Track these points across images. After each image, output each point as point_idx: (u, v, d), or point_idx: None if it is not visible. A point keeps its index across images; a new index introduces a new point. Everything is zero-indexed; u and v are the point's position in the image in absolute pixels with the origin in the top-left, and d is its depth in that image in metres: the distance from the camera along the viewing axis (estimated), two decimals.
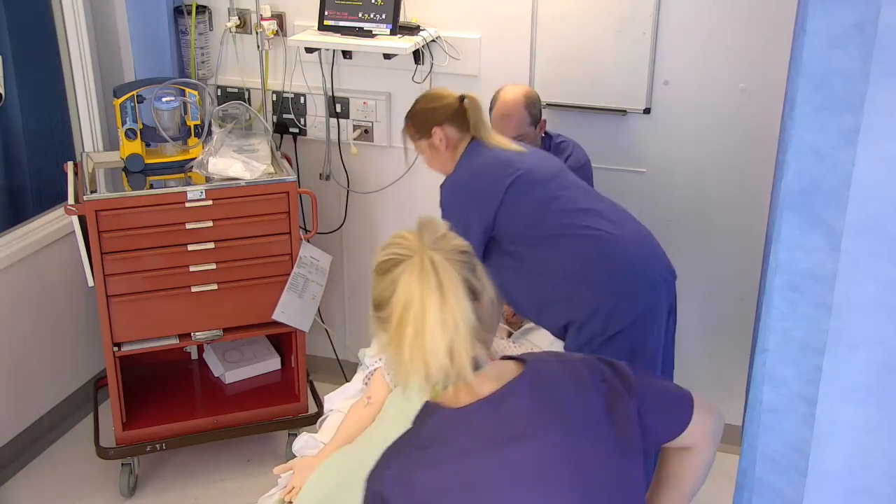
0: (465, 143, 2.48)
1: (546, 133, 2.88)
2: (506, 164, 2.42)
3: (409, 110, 2.55)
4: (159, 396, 3.26)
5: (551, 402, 1.39)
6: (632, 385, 1.43)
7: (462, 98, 2.47)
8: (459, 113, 2.46)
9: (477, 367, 1.37)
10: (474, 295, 1.38)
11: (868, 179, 1.21)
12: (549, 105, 3.11)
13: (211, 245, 2.95)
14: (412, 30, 3.06)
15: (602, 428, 1.39)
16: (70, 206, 2.87)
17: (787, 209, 1.32)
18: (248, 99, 3.44)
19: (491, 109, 2.79)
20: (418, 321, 1.30)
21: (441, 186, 2.47)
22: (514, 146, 2.48)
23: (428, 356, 1.30)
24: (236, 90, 3.45)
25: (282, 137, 3.47)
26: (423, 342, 1.30)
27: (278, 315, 3.06)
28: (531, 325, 2.81)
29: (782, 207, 1.33)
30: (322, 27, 3.08)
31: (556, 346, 2.77)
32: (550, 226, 2.41)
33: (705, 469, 1.56)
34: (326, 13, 3.07)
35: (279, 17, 3.28)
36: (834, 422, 1.30)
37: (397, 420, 2.25)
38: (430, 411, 1.40)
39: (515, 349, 2.59)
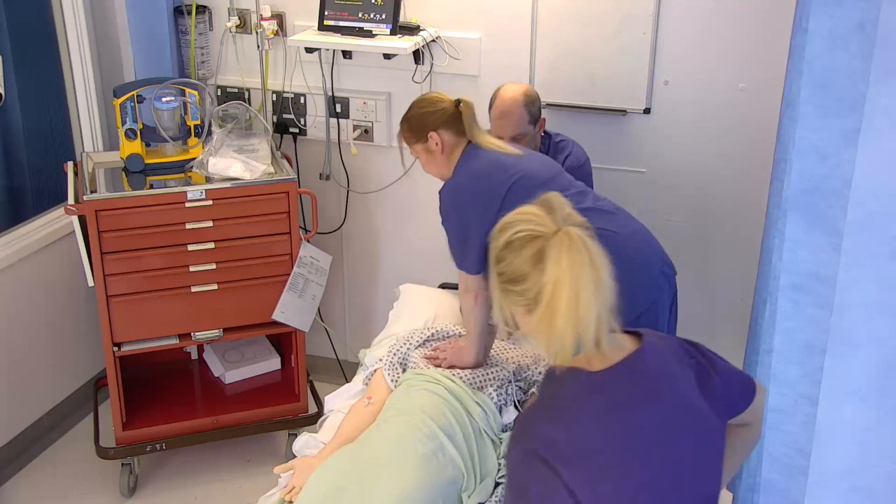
0: (462, 148, 2.46)
1: (545, 132, 2.88)
2: (504, 167, 2.41)
3: (405, 115, 2.54)
4: (159, 396, 3.26)
5: (665, 372, 1.52)
6: (714, 363, 1.57)
7: (458, 102, 2.47)
8: (455, 117, 2.45)
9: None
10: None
11: (869, 179, 1.21)
12: (549, 105, 3.11)
13: (211, 245, 2.95)
14: (412, 30, 3.06)
15: (696, 399, 1.51)
16: (70, 206, 2.87)
17: (790, 209, 1.32)
18: (248, 99, 3.44)
19: (490, 108, 2.78)
20: (573, 294, 1.41)
21: (440, 192, 2.47)
22: (510, 149, 2.48)
23: (581, 326, 1.42)
24: (236, 90, 3.45)
25: (282, 137, 3.47)
26: (578, 313, 1.41)
27: (278, 315, 3.06)
28: None
29: (786, 208, 1.33)
30: (322, 27, 3.08)
31: None
32: None
33: (756, 441, 1.68)
34: (326, 13, 3.07)
35: (279, 17, 3.28)
36: (835, 421, 1.31)
37: (397, 420, 2.25)
38: (565, 375, 1.52)
39: (515, 350, 2.59)
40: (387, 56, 3.14)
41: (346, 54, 3.27)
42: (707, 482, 1.50)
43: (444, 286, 3.23)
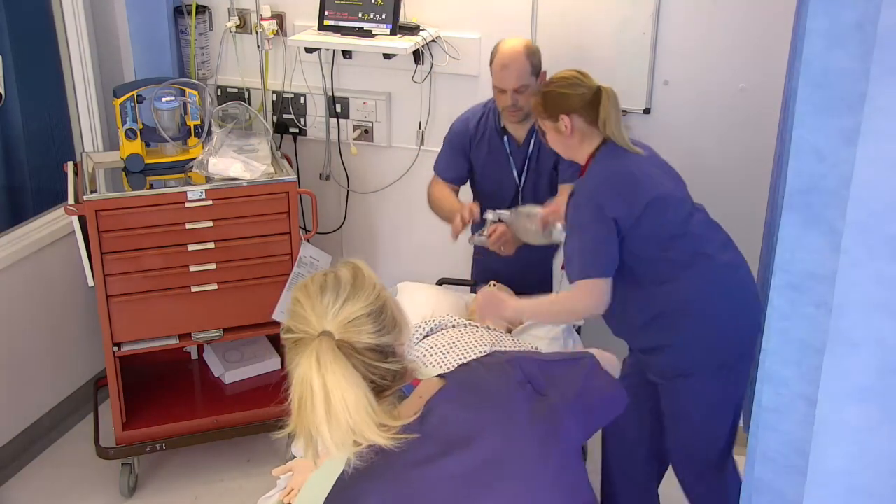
0: (596, 139, 2.35)
1: None
2: (642, 179, 2.31)
3: (545, 86, 2.42)
4: (159, 396, 3.26)
5: (476, 406, 1.44)
6: (558, 385, 1.49)
7: (599, 89, 2.35)
8: (592, 104, 2.33)
9: (402, 396, 1.44)
10: (385, 354, 1.42)
11: (868, 179, 1.21)
12: None
13: (211, 245, 2.95)
14: (412, 30, 3.06)
15: (525, 426, 1.43)
16: (70, 206, 2.87)
17: (787, 209, 1.31)
18: (248, 99, 3.44)
19: (491, 62, 2.76)
20: (313, 412, 1.38)
21: (569, 204, 2.36)
22: (638, 149, 2.37)
23: (329, 442, 1.38)
24: (236, 90, 3.45)
25: (282, 137, 3.47)
26: (321, 432, 1.38)
27: (278, 315, 3.06)
28: (529, 322, 2.81)
29: (783, 207, 1.33)
30: (322, 27, 3.08)
31: (555, 344, 2.77)
32: (684, 249, 2.33)
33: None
34: (326, 13, 3.07)
35: (279, 17, 3.28)
36: (834, 421, 1.30)
37: None
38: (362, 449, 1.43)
39: (515, 345, 2.59)
40: (387, 56, 3.14)
41: (346, 54, 3.27)
42: None
43: (442, 282, 3.23)
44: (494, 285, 2.86)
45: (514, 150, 2.89)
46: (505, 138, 2.89)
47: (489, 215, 2.76)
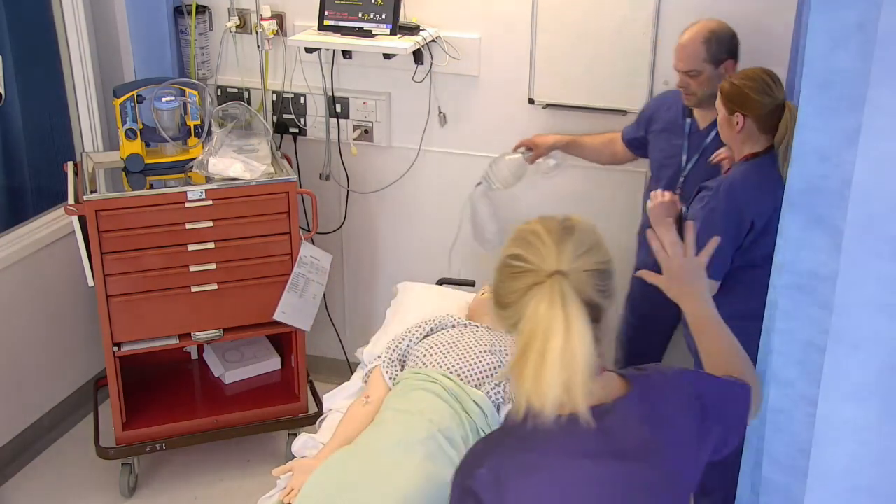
0: (758, 145, 2.39)
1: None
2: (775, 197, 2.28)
3: (735, 76, 2.44)
4: (159, 396, 3.26)
5: (652, 421, 1.39)
6: (722, 408, 1.45)
7: (783, 104, 2.35)
8: (771, 115, 2.36)
9: None
10: (597, 316, 1.36)
11: (869, 179, 1.21)
12: (549, 105, 3.11)
13: (211, 245, 2.95)
14: (412, 30, 3.06)
15: (692, 448, 1.39)
16: (70, 206, 2.86)
17: (790, 209, 1.31)
18: (248, 99, 3.44)
19: None
20: (539, 355, 1.28)
21: (721, 189, 2.41)
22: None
23: (545, 389, 1.28)
24: (236, 90, 3.45)
25: (282, 137, 3.47)
26: (541, 379, 1.28)
27: (279, 315, 3.06)
28: None
29: (785, 207, 1.32)
30: (322, 27, 3.08)
31: None
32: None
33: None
34: (326, 13, 3.07)
35: (279, 17, 3.28)
36: (835, 420, 1.30)
37: (395, 420, 2.25)
38: (529, 413, 1.36)
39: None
40: (387, 56, 3.14)
41: (346, 54, 3.27)
42: None
43: (442, 282, 3.23)
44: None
45: (693, 132, 2.78)
46: (688, 120, 2.79)
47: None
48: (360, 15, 3.04)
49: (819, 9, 1.22)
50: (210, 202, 2.91)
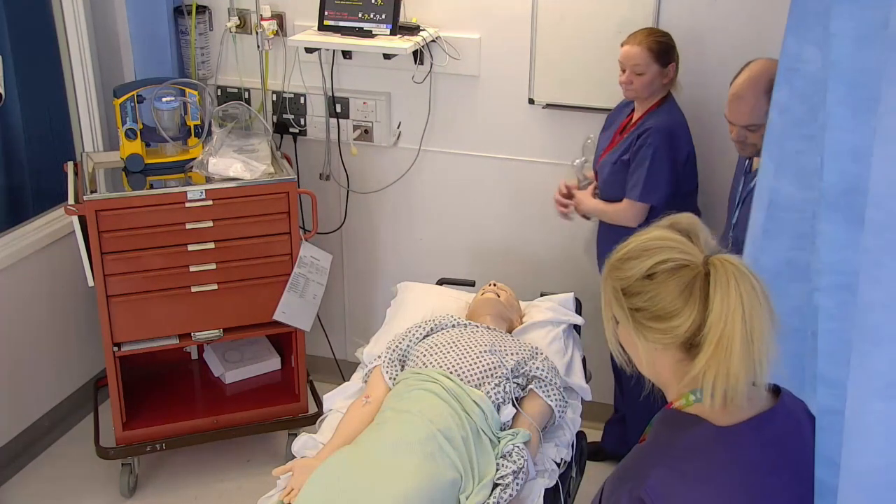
0: (664, 93, 2.78)
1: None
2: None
3: (657, 37, 2.71)
4: (159, 396, 3.26)
5: (794, 438, 1.37)
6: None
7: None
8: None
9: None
10: None
11: (889, 177, 1.21)
12: (549, 105, 3.12)
13: (211, 245, 2.95)
14: (412, 30, 3.06)
15: (812, 472, 1.37)
16: (70, 206, 2.87)
17: (828, 210, 1.31)
18: (248, 99, 3.44)
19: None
20: (746, 331, 1.23)
21: (651, 130, 2.71)
22: None
23: (754, 367, 1.25)
24: (236, 90, 3.45)
25: (282, 137, 3.47)
26: (752, 354, 1.24)
27: (279, 315, 3.06)
28: (529, 321, 2.81)
29: (824, 208, 1.32)
30: (322, 27, 3.08)
31: (556, 344, 2.77)
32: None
33: None
34: (326, 13, 3.07)
35: (279, 17, 3.28)
36: (865, 418, 1.29)
37: (395, 420, 2.25)
38: (688, 422, 1.33)
39: (515, 345, 2.59)
40: (387, 56, 3.14)
41: (346, 54, 3.27)
42: None
43: (442, 282, 3.24)
44: (494, 285, 2.87)
45: (748, 172, 2.57)
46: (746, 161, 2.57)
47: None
48: (360, 15, 3.05)
49: (840, 11, 1.22)
50: (210, 202, 2.91)
